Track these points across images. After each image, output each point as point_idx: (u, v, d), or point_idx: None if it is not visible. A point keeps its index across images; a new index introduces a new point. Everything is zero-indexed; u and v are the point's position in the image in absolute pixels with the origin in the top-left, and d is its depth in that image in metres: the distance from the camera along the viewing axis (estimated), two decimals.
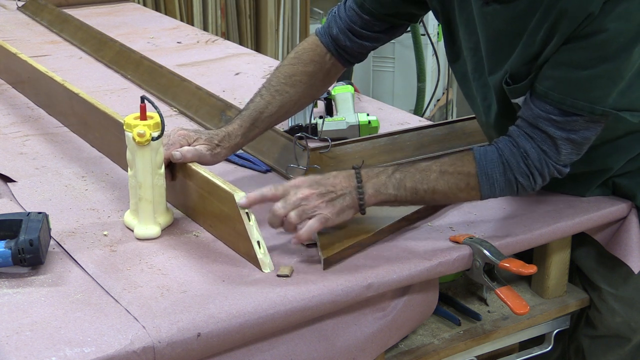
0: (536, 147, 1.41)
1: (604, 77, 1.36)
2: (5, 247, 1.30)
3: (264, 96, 1.62)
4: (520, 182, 1.42)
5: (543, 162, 1.41)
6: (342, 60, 1.68)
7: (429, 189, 1.40)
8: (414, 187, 1.40)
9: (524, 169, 1.41)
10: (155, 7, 3.91)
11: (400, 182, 1.40)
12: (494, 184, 1.41)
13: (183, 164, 1.48)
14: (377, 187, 1.39)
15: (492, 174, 1.41)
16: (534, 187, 1.44)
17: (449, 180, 1.41)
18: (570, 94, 1.37)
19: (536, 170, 1.42)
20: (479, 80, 1.56)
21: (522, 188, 1.43)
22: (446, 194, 1.41)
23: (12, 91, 2.24)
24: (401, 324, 1.40)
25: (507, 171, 1.41)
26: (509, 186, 1.42)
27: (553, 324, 1.66)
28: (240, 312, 1.22)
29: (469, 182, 1.41)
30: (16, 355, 1.10)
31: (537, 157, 1.41)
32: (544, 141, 1.41)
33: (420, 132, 1.87)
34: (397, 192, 1.40)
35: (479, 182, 1.41)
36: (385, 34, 1.67)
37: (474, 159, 1.42)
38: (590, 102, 1.37)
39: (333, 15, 1.67)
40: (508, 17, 1.43)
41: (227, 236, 1.41)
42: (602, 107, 1.37)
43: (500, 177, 1.41)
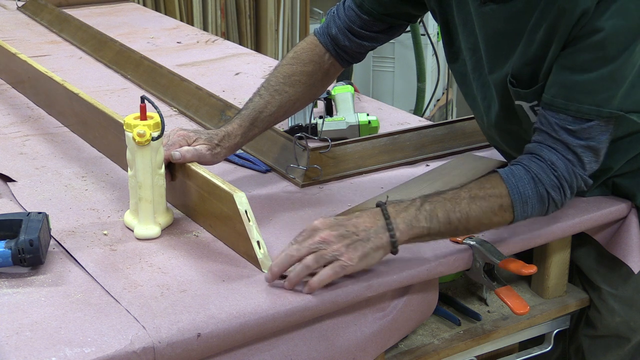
0: (562, 158, 1.38)
1: (607, 78, 1.35)
2: (5, 247, 1.30)
3: (263, 96, 1.62)
4: (552, 196, 1.38)
5: (571, 173, 1.39)
6: (341, 60, 1.68)
7: (462, 217, 1.33)
8: (447, 216, 1.32)
9: (555, 181, 1.38)
10: (155, 7, 3.91)
11: (431, 213, 1.31)
12: (527, 202, 1.37)
13: (183, 164, 1.48)
14: (408, 222, 1.30)
15: (524, 191, 1.37)
16: (563, 202, 1.41)
17: (481, 204, 1.34)
18: (575, 99, 1.36)
19: (566, 182, 1.39)
20: (478, 79, 1.56)
21: (553, 203, 1.40)
22: (480, 219, 1.34)
23: (12, 91, 2.24)
24: (401, 324, 1.40)
25: (538, 185, 1.37)
26: (540, 202, 1.38)
27: (553, 324, 1.66)
28: (240, 312, 1.22)
29: (502, 203, 1.36)
30: (16, 355, 1.10)
31: (564, 168, 1.38)
32: (566, 151, 1.38)
33: (420, 132, 1.87)
34: (430, 225, 1.31)
35: (512, 202, 1.36)
36: (384, 33, 1.67)
37: (502, 179, 1.37)
38: (595, 105, 1.35)
39: (332, 15, 1.67)
40: (506, 17, 1.43)
41: (227, 236, 1.41)
42: (608, 109, 1.36)
43: (532, 194, 1.37)
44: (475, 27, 1.49)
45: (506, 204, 1.36)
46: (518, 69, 1.44)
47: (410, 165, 1.77)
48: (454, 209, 1.33)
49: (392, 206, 1.31)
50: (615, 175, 1.58)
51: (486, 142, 1.83)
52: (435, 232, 1.32)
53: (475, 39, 1.51)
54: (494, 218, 1.36)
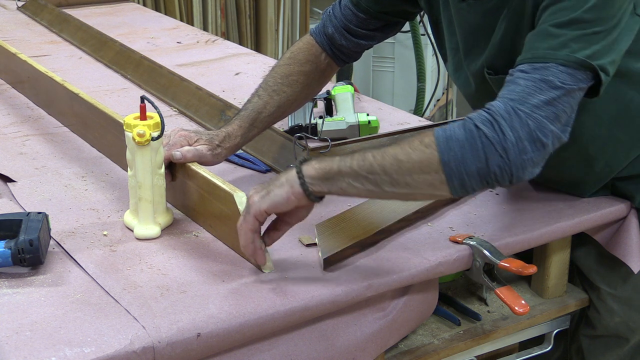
0: (502, 100, 1.22)
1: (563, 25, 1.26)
2: (5, 247, 1.30)
3: (262, 96, 1.63)
4: (484, 131, 1.18)
5: (510, 110, 1.19)
6: (337, 60, 1.68)
7: (377, 154, 1.21)
8: (362, 155, 1.22)
9: (485, 116, 1.20)
10: (155, 7, 3.91)
11: (348, 155, 1.24)
12: (452, 137, 1.19)
13: (183, 164, 1.48)
14: (319, 160, 1.25)
15: (449, 127, 1.21)
16: (505, 145, 1.18)
17: (402, 143, 1.22)
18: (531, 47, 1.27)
19: (502, 119, 1.19)
20: (459, 79, 1.57)
21: (489, 144, 1.18)
22: (396, 156, 1.20)
23: (12, 91, 2.24)
24: (401, 324, 1.40)
25: (465, 122, 1.21)
26: (471, 140, 1.18)
27: (553, 324, 1.66)
28: (240, 312, 1.22)
29: (422, 139, 1.21)
30: (16, 355, 1.11)
31: (502, 106, 1.20)
32: (511, 92, 1.22)
33: (420, 132, 1.87)
34: (340, 162, 1.23)
35: (434, 139, 1.19)
36: (380, 32, 1.67)
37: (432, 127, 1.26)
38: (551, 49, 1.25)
39: (328, 15, 1.68)
40: (482, 12, 1.44)
41: (227, 236, 1.41)
42: (566, 52, 1.24)
43: (458, 129, 1.20)
44: (455, 25, 1.50)
45: (427, 139, 1.21)
46: (491, 60, 1.44)
47: None
48: (373, 150, 1.24)
49: None
50: (616, 178, 1.58)
51: None
52: (347, 169, 1.23)
53: (456, 38, 1.52)
54: (412, 154, 1.20)
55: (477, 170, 1.19)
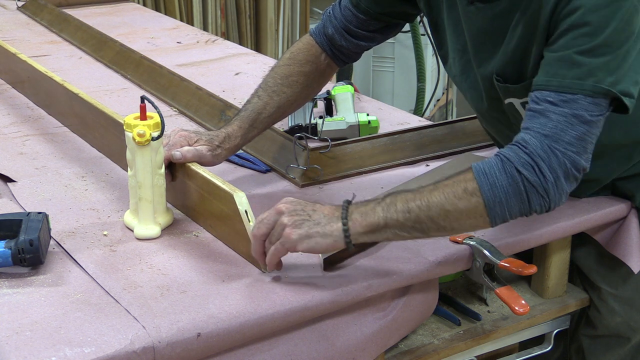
0: (535, 135, 1.24)
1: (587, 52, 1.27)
2: (5, 247, 1.30)
3: (262, 97, 1.62)
4: (525, 175, 1.23)
5: (548, 151, 1.23)
6: (337, 60, 1.68)
7: (422, 204, 1.23)
8: (406, 205, 1.24)
9: (525, 158, 1.23)
10: (155, 7, 3.91)
11: (390, 204, 1.25)
12: (495, 184, 1.23)
13: (183, 164, 1.48)
14: (363, 212, 1.25)
15: (490, 172, 1.24)
16: (545, 186, 1.23)
17: (444, 190, 1.24)
18: (556, 74, 1.28)
19: (542, 161, 1.23)
20: (466, 81, 1.56)
21: (531, 186, 1.23)
22: (443, 206, 1.23)
23: (12, 91, 2.24)
24: (401, 324, 1.40)
25: (505, 165, 1.24)
26: (514, 185, 1.23)
27: (553, 324, 1.66)
28: (240, 312, 1.22)
29: (466, 186, 1.24)
30: (16, 355, 1.11)
31: (539, 145, 1.23)
32: (544, 125, 1.24)
33: (420, 132, 1.87)
34: (386, 215, 1.24)
35: (478, 185, 1.23)
36: (380, 33, 1.67)
37: (472, 168, 1.27)
38: (577, 78, 1.26)
39: (328, 15, 1.68)
40: (491, 16, 1.43)
41: (227, 236, 1.41)
42: (592, 82, 1.26)
43: (500, 174, 1.23)
44: (464, 27, 1.50)
45: (471, 187, 1.24)
46: (501, 67, 1.44)
47: (410, 165, 1.77)
48: (415, 198, 1.25)
49: (355, 203, 1.29)
50: (616, 177, 1.58)
51: (486, 142, 1.83)
52: (394, 222, 1.24)
53: (463, 41, 1.52)
54: (458, 203, 1.23)
55: (519, 210, 1.26)
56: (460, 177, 1.26)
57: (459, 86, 1.61)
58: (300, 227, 1.26)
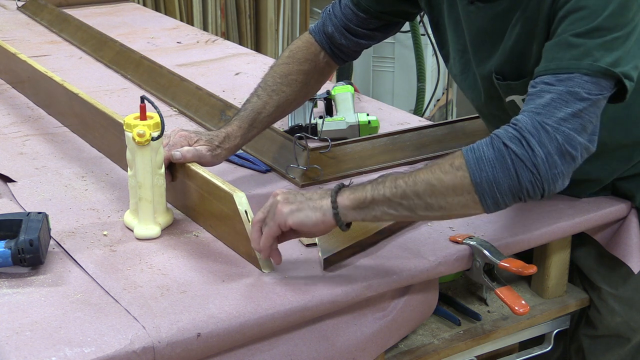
0: (528, 114, 1.22)
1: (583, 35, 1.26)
2: (5, 247, 1.30)
3: (261, 96, 1.62)
4: (512, 149, 1.19)
5: (537, 125, 1.20)
6: (336, 59, 1.68)
7: (409, 180, 1.23)
8: (394, 182, 1.24)
9: (513, 133, 1.20)
10: (155, 7, 3.91)
11: (380, 182, 1.25)
12: (482, 158, 1.20)
13: (183, 164, 1.48)
14: (353, 189, 1.26)
15: (477, 147, 1.21)
16: (534, 161, 1.19)
17: (432, 167, 1.23)
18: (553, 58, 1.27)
19: (530, 135, 1.19)
20: (465, 81, 1.56)
21: (520, 162, 1.19)
22: (429, 182, 1.21)
23: (12, 91, 2.24)
24: (401, 324, 1.40)
25: (494, 141, 1.21)
26: (501, 159, 1.19)
27: (553, 324, 1.66)
28: (240, 312, 1.22)
29: (452, 162, 1.22)
30: (16, 355, 1.11)
31: (528, 121, 1.21)
32: (537, 105, 1.22)
33: (420, 132, 1.87)
34: (374, 191, 1.24)
35: (464, 160, 1.21)
36: (380, 31, 1.67)
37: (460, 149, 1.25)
38: (574, 59, 1.25)
39: (328, 14, 1.68)
40: (491, 15, 1.43)
41: (227, 236, 1.41)
42: (590, 61, 1.24)
43: (487, 149, 1.20)
44: (464, 27, 1.50)
45: (458, 162, 1.22)
46: (500, 65, 1.44)
47: (410, 165, 1.77)
48: (403, 176, 1.24)
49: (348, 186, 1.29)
50: (616, 177, 1.58)
51: None
52: (380, 197, 1.24)
53: (464, 40, 1.52)
54: (444, 177, 1.21)
55: (509, 187, 1.20)
56: (449, 155, 1.25)
57: (460, 85, 1.61)
58: (292, 202, 1.27)
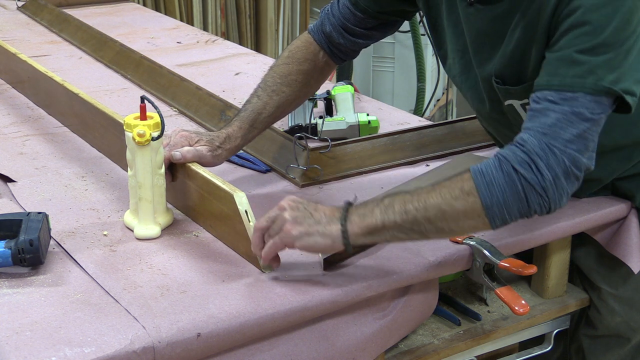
0: (534, 133, 1.23)
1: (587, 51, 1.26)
2: (5, 247, 1.30)
3: (261, 97, 1.63)
4: (522, 173, 1.21)
5: (545, 147, 1.22)
6: (335, 58, 1.68)
7: (419, 205, 1.23)
8: (403, 207, 1.24)
9: (522, 156, 1.22)
10: (155, 7, 3.91)
11: (387, 206, 1.25)
12: (492, 182, 1.22)
13: (183, 164, 1.48)
14: (361, 214, 1.25)
15: (487, 171, 1.23)
16: (543, 185, 1.22)
17: (441, 190, 1.24)
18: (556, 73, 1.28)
19: (539, 159, 1.21)
20: (467, 81, 1.56)
21: (528, 185, 1.22)
22: (439, 207, 1.23)
23: (12, 91, 2.24)
24: (401, 324, 1.40)
25: (502, 164, 1.23)
26: (511, 184, 1.22)
27: (553, 324, 1.66)
28: (240, 312, 1.22)
29: (462, 186, 1.23)
30: (16, 355, 1.11)
31: (536, 142, 1.23)
32: (543, 125, 1.23)
33: (420, 132, 1.87)
34: (384, 217, 1.24)
35: (474, 184, 1.23)
36: (378, 31, 1.67)
37: (469, 168, 1.26)
38: (578, 77, 1.25)
39: (326, 13, 1.68)
40: (490, 18, 1.43)
41: (227, 236, 1.41)
42: (593, 80, 1.25)
43: (497, 173, 1.22)
44: (464, 28, 1.50)
45: (468, 186, 1.23)
46: (500, 69, 1.45)
47: (410, 165, 1.77)
48: (412, 199, 1.24)
49: (355, 205, 1.28)
50: (615, 178, 1.58)
51: (486, 142, 1.83)
52: (391, 224, 1.24)
53: (464, 41, 1.52)
54: (455, 203, 1.23)
55: (518, 210, 1.24)
56: (458, 178, 1.25)
57: (459, 87, 1.61)
58: (301, 224, 1.26)
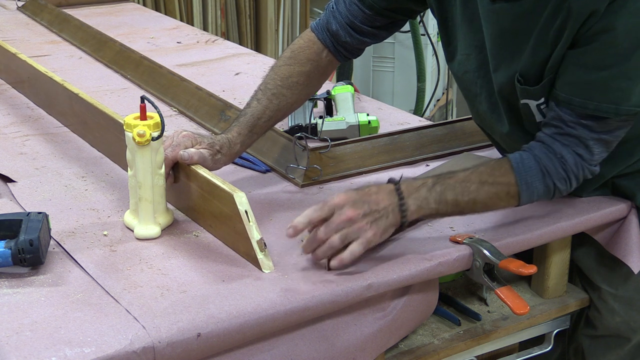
0: (572, 153, 1.42)
1: (621, 76, 1.35)
2: (5, 247, 1.30)
3: (261, 101, 1.62)
4: (558, 186, 1.44)
5: (579, 166, 1.43)
6: (339, 56, 1.68)
7: (470, 200, 1.39)
8: (455, 199, 1.39)
9: (563, 174, 1.43)
10: (155, 7, 3.91)
11: (441, 196, 1.38)
12: (533, 192, 1.43)
13: (183, 165, 1.48)
14: (419, 203, 1.37)
15: (532, 182, 1.42)
16: (568, 191, 1.46)
17: (489, 190, 1.41)
18: (592, 97, 1.37)
19: (573, 175, 1.44)
20: (484, 77, 1.56)
21: (559, 192, 1.45)
22: (486, 204, 1.42)
23: (12, 91, 2.24)
24: (401, 324, 1.40)
25: (546, 178, 1.43)
26: (546, 192, 1.44)
27: (553, 324, 1.66)
28: (240, 312, 1.22)
29: (509, 191, 1.42)
30: (16, 355, 1.11)
31: (574, 162, 1.42)
32: (578, 145, 1.42)
33: (420, 132, 1.87)
34: (438, 206, 1.38)
35: (519, 191, 1.42)
36: (384, 30, 1.67)
37: (512, 167, 1.42)
38: (613, 103, 1.37)
39: (331, 11, 1.67)
40: (514, 15, 1.43)
41: (227, 236, 1.41)
42: (626, 107, 1.37)
43: (539, 185, 1.42)
44: (483, 24, 1.50)
45: (513, 191, 1.42)
46: (527, 68, 1.45)
47: (410, 165, 1.77)
48: (463, 193, 1.39)
49: (405, 185, 1.38)
50: (615, 176, 1.58)
51: (486, 142, 1.83)
52: (443, 212, 1.40)
53: (481, 37, 1.51)
54: (499, 203, 1.43)
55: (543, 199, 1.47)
56: (504, 181, 1.42)
57: (472, 82, 1.59)
58: (379, 226, 1.34)
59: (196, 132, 1.58)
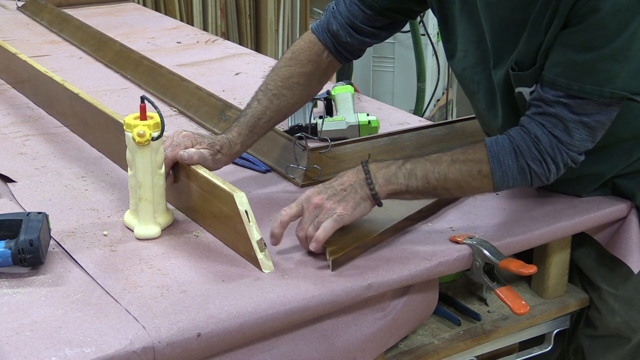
0: (547, 134, 1.39)
1: (608, 58, 1.34)
2: (5, 247, 1.30)
3: (261, 101, 1.62)
4: (534, 169, 1.40)
5: (555, 149, 1.39)
6: (340, 57, 1.68)
7: (440, 177, 1.39)
8: (425, 175, 1.39)
9: (536, 154, 1.40)
10: (155, 7, 3.91)
11: (410, 172, 1.39)
12: (507, 171, 1.40)
13: (183, 165, 1.48)
14: (387, 177, 1.39)
15: (504, 160, 1.39)
16: (548, 176, 1.41)
17: (461, 168, 1.39)
18: (577, 78, 1.36)
19: (549, 157, 1.40)
20: (482, 73, 1.56)
21: (536, 176, 1.41)
22: (458, 182, 1.40)
23: (12, 91, 2.24)
24: (401, 324, 1.40)
25: (519, 157, 1.40)
26: (522, 174, 1.40)
27: (553, 324, 1.66)
28: (240, 312, 1.22)
29: (480, 169, 1.40)
30: (16, 355, 1.11)
31: (548, 143, 1.39)
32: (555, 126, 1.39)
33: (420, 132, 1.87)
34: (407, 182, 1.39)
35: (491, 169, 1.39)
36: (385, 30, 1.67)
37: (485, 146, 1.40)
38: (597, 84, 1.35)
39: (332, 12, 1.67)
40: (512, 6, 1.43)
41: (227, 236, 1.41)
42: (610, 89, 1.35)
43: (512, 164, 1.39)
44: (482, 18, 1.50)
45: (485, 170, 1.40)
46: (522, 55, 1.45)
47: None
48: (433, 170, 1.39)
49: (374, 163, 1.40)
50: (615, 176, 1.58)
51: None
52: (414, 189, 1.40)
53: (480, 31, 1.51)
54: (472, 182, 1.41)
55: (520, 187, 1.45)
56: (476, 158, 1.40)
57: (470, 78, 1.59)
58: (348, 201, 1.37)
59: (196, 132, 1.58)
